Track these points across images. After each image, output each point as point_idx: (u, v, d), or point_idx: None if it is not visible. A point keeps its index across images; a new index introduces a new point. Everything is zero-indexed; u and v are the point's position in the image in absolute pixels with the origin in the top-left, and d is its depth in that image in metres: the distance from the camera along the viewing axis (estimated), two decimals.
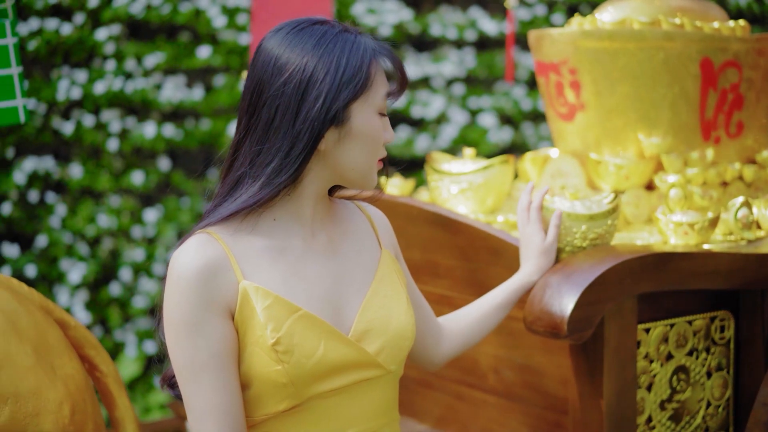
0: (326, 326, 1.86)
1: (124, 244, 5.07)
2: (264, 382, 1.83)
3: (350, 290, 1.96)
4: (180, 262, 1.83)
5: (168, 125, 5.13)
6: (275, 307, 1.83)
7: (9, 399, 2.17)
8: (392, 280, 2.02)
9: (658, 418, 2.47)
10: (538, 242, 2.34)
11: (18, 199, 4.97)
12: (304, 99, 1.84)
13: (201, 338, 1.81)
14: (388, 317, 1.96)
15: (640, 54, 2.86)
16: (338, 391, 1.89)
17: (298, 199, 1.92)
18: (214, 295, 1.81)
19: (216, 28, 5.18)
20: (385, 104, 1.91)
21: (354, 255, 2.00)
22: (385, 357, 1.94)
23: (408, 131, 5.59)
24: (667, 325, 2.46)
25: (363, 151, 1.90)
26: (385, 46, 1.94)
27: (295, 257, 1.91)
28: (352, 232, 2.04)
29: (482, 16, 5.74)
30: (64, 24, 4.99)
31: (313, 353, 1.84)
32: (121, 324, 5.03)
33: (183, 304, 1.81)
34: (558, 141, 3.14)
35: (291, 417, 1.87)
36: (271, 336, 1.81)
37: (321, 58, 1.86)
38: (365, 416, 1.94)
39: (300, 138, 1.85)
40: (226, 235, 1.86)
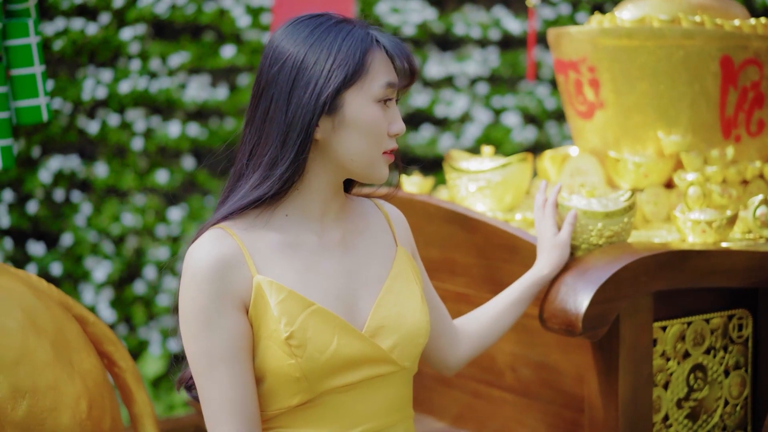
0: (339, 321, 1.87)
1: (148, 243, 5.11)
2: (277, 376, 1.84)
3: (364, 287, 1.96)
4: (195, 257, 1.84)
5: (192, 124, 5.16)
6: (289, 302, 1.84)
7: (27, 393, 2.19)
8: (407, 277, 2.02)
9: (675, 417, 2.46)
10: (551, 237, 2.34)
11: (44, 198, 5.01)
12: (295, 86, 1.86)
13: (216, 332, 1.82)
14: (402, 314, 1.96)
15: (660, 52, 2.85)
16: (351, 387, 1.90)
17: (306, 194, 1.93)
18: (228, 289, 1.83)
19: (240, 28, 5.21)
20: (385, 93, 1.89)
21: (369, 251, 2.01)
22: (398, 353, 1.94)
23: (431, 130, 5.60)
24: (684, 323, 2.46)
25: (360, 141, 1.89)
26: (391, 37, 1.93)
27: (309, 253, 1.92)
28: (368, 229, 2.04)
29: (506, 15, 5.73)
30: (89, 24, 5.03)
31: (327, 348, 1.84)
32: (145, 322, 5.06)
33: (198, 299, 1.82)
34: (577, 139, 3.14)
35: (304, 412, 1.88)
36: (285, 330, 1.82)
37: (313, 45, 1.87)
38: (378, 412, 1.94)
39: (293, 126, 1.85)
40: (240, 230, 1.88)
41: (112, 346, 2.54)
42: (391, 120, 1.92)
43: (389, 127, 1.91)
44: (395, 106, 1.94)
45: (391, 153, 1.94)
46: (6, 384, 2.17)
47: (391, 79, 1.90)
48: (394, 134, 1.92)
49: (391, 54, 1.91)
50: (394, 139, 1.93)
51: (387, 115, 1.91)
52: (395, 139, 1.94)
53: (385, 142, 1.91)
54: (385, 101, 1.90)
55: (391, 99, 1.92)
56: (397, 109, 1.94)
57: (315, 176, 1.92)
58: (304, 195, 1.93)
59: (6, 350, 2.19)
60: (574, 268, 2.31)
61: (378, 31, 1.93)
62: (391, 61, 1.91)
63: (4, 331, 2.21)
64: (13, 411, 2.16)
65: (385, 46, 1.91)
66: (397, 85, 1.91)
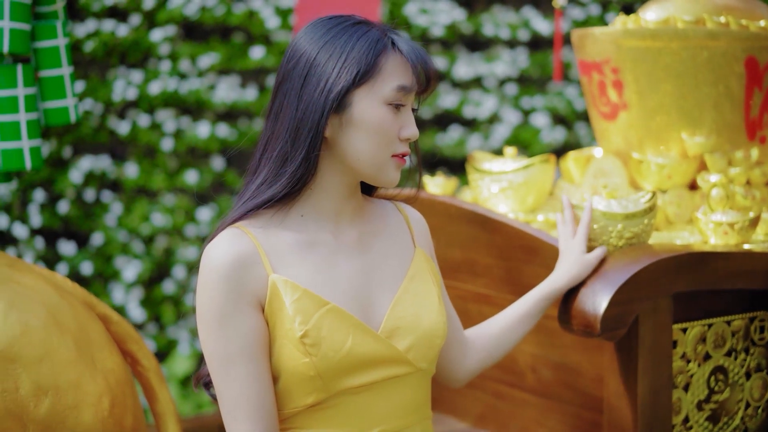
0: (354, 321, 1.88)
1: (177, 243, 5.14)
2: (292, 374, 1.85)
3: (381, 287, 1.97)
4: (211, 256, 1.86)
5: (222, 125, 5.19)
6: (304, 301, 1.85)
7: (50, 391, 2.22)
8: (424, 278, 2.03)
9: (695, 419, 2.46)
10: (577, 253, 2.31)
11: (75, 198, 5.06)
12: (306, 83, 1.88)
13: (232, 330, 1.84)
14: (418, 315, 1.96)
15: (684, 53, 2.84)
16: (367, 388, 1.90)
17: (320, 194, 1.94)
18: (244, 287, 1.85)
19: (269, 29, 5.23)
20: (396, 96, 1.88)
21: (386, 253, 2.02)
22: (414, 354, 1.94)
23: (460, 131, 5.60)
24: (704, 325, 2.45)
25: (366, 142, 1.89)
26: (409, 41, 1.93)
27: (325, 252, 1.93)
28: (386, 230, 2.05)
29: (535, 16, 5.73)
30: (120, 25, 5.07)
31: (341, 347, 1.85)
32: (174, 321, 5.10)
33: (215, 297, 1.84)
34: (601, 140, 3.13)
35: (319, 412, 1.89)
36: (299, 329, 1.83)
37: (326, 44, 1.89)
38: (394, 414, 1.95)
39: (303, 123, 1.87)
40: (257, 229, 1.89)
41: (135, 345, 2.57)
42: (403, 124, 1.91)
43: (400, 131, 1.91)
44: (410, 110, 1.93)
45: (403, 157, 1.93)
46: (29, 381, 2.20)
47: (403, 83, 1.89)
48: (406, 138, 1.91)
49: (408, 58, 1.91)
50: (407, 144, 1.93)
51: (399, 119, 1.91)
52: (408, 144, 1.93)
53: (394, 146, 1.91)
54: (396, 105, 1.90)
55: (404, 104, 1.91)
56: (412, 114, 1.94)
57: (328, 176, 1.93)
58: (318, 194, 1.94)
59: (29, 348, 2.23)
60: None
61: (397, 35, 1.93)
62: (407, 66, 1.91)
63: (28, 329, 2.24)
64: (35, 408, 2.19)
65: (401, 49, 1.91)
66: (409, 89, 1.90)
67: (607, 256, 2.34)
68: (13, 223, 4.92)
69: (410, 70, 1.91)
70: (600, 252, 2.31)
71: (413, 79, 1.91)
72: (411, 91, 1.91)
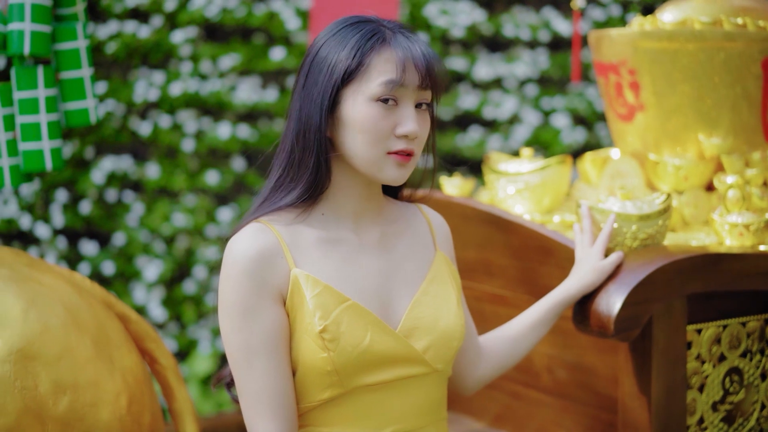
0: (373, 318, 1.89)
1: (198, 243, 5.17)
2: (310, 368, 1.87)
3: (400, 287, 1.98)
4: (235, 250, 1.88)
5: (242, 126, 5.22)
6: (324, 296, 1.87)
7: (68, 389, 2.25)
8: (444, 281, 2.04)
9: (710, 420, 2.46)
10: (593, 260, 2.29)
11: (96, 198, 5.09)
12: (306, 84, 1.93)
13: (255, 323, 1.86)
14: (436, 316, 1.98)
15: (701, 54, 2.84)
16: (383, 386, 1.92)
17: (338, 194, 1.96)
18: (267, 281, 1.86)
19: (289, 30, 5.25)
20: (384, 92, 1.87)
21: (407, 253, 2.03)
22: (431, 355, 1.96)
23: (480, 132, 5.60)
24: (719, 326, 2.45)
25: (359, 140, 1.89)
26: (408, 37, 1.92)
27: (347, 250, 1.95)
28: (407, 231, 2.07)
29: (556, 17, 5.73)
30: (141, 27, 5.10)
31: (359, 343, 1.87)
32: (195, 321, 5.13)
33: (238, 290, 1.86)
34: (618, 141, 3.14)
35: (334, 409, 1.91)
36: (319, 323, 1.85)
37: (323, 45, 1.93)
38: (409, 413, 1.96)
39: (307, 125, 1.91)
40: (280, 225, 1.91)
41: (153, 344, 2.59)
42: (399, 121, 1.90)
43: (396, 128, 1.90)
44: (408, 106, 1.91)
45: (400, 154, 1.90)
46: (48, 379, 2.22)
47: (390, 77, 1.87)
48: (402, 135, 1.89)
49: (395, 52, 1.89)
50: (405, 140, 1.90)
51: (393, 115, 1.89)
52: (408, 141, 1.90)
53: (388, 143, 1.90)
54: (385, 100, 1.88)
55: (395, 99, 1.89)
56: (412, 110, 1.91)
57: (343, 177, 1.95)
58: (336, 195, 1.96)
59: (48, 346, 2.25)
60: None
61: (397, 31, 1.93)
62: (395, 61, 1.89)
63: (47, 328, 2.27)
64: (54, 406, 2.22)
65: (391, 45, 1.90)
66: (398, 83, 1.87)
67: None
68: (36, 223, 4.96)
69: (400, 65, 1.88)
70: (615, 258, 2.29)
71: (403, 74, 1.88)
72: (401, 86, 1.89)
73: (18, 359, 2.20)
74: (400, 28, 1.95)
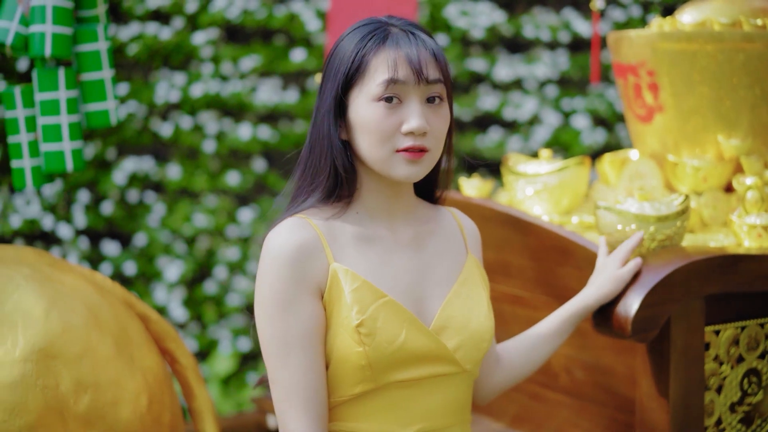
0: (409, 315, 1.91)
1: (219, 243, 5.19)
2: (344, 362, 1.88)
3: (433, 286, 2.00)
4: (275, 242, 1.89)
5: (263, 127, 5.24)
6: (362, 291, 1.88)
7: (89, 388, 2.27)
8: (475, 283, 2.06)
9: (728, 421, 2.46)
10: (611, 269, 2.29)
11: (118, 199, 5.13)
12: (322, 88, 1.96)
13: (292, 316, 1.87)
14: (468, 317, 1.99)
15: (720, 55, 2.84)
16: (412, 383, 1.93)
17: (368, 194, 1.98)
18: (306, 274, 1.87)
19: (310, 32, 5.27)
20: (384, 91, 1.88)
21: (440, 253, 2.05)
22: (462, 354, 1.97)
23: (500, 133, 5.61)
24: (737, 328, 2.45)
25: (367, 141, 1.91)
26: (408, 34, 1.92)
27: (382, 247, 1.97)
28: (440, 233, 2.09)
29: (576, 18, 5.72)
30: (163, 28, 5.13)
31: (395, 339, 1.88)
32: (216, 321, 5.15)
33: (276, 283, 1.87)
34: (636, 143, 3.14)
35: (364, 403, 1.92)
36: (356, 318, 1.86)
37: (336, 48, 1.96)
38: (436, 412, 1.97)
39: (321, 128, 1.94)
40: (318, 220, 1.93)
41: (174, 344, 2.61)
42: (404, 118, 1.90)
43: (402, 126, 1.90)
44: (412, 103, 1.90)
45: (410, 151, 1.90)
46: (69, 378, 2.25)
47: (390, 76, 1.88)
48: (407, 132, 1.89)
49: (391, 50, 1.90)
50: (413, 137, 1.90)
51: (397, 113, 1.90)
52: (416, 138, 1.90)
53: (395, 141, 1.90)
54: (389, 99, 1.89)
55: (399, 97, 1.89)
56: (417, 106, 1.90)
57: (368, 177, 1.98)
58: (366, 195, 1.99)
59: (70, 346, 2.28)
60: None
61: (402, 30, 1.93)
62: (395, 58, 1.89)
63: (69, 328, 2.30)
64: (75, 404, 2.24)
65: (390, 43, 1.91)
66: (400, 81, 1.88)
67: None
68: (58, 223, 5.00)
69: (392, 63, 1.89)
70: (633, 266, 2.28)
71: (396, 72, 1.88)
72: (398, 83, 1.89)
73: (40, 358, 2.23)
74: (408, 26, 1.95)
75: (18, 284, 2.32)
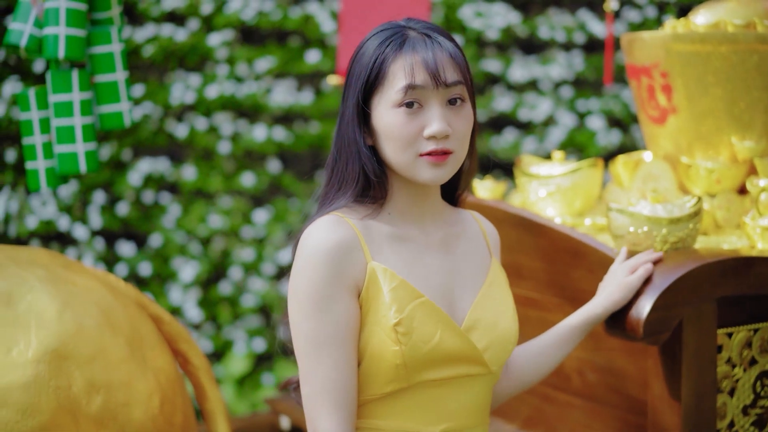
0: (444, 316, 1.92)
1: (234, 244, 5.21)
2: (378, 361, 1.89)
3: (462, 288, 2.02)
4: (314, 239, 1.89)
5: (278, 128, 5.25)
6: (400, 290, 1.89)
7: (102, 389, 2.28)
8: (502, 286, 2.08)
9: (740, 424, 2.45)
10: (620, 276, 2.29)
11: (134, 200, 5.14)
12: (344, 95, 1.96)
13: (329, 313, 1.87)
14: (495, 318, 2.01)
15: (734, 57, 2.83)
16: (442, 383, 1.94)
17: (398, 196, 1.99)
18: (345, 272, 1.88)
19: (325, 33, 5.28)
20: (404, 97, 1.88)
21: (467, 256, 2.06)
22: (490, 356, 1.99)
23: (515, 134, 5.60)
24: (750, 330, 2.44)
25: (390, 147, 1.92)
26: (426, 36, 1.92)
27: (414, 247, 1.98)
28: (466, 235, 2.10)
29: (591, 19, 5.71)
30: (178, 30, 5.15)
31: (430, 339, 1.89)
32: (230, 322, 5.16)
33: (315, 279, 1.87)
34: (650, 144, 3.13)
35: (392, 401, 1.93)
36: (394, 317, 1.87)
37: (357, 55, 1.97)
38: (461, 412, 1.98)
39: (346, 135, 1.95)
40: (355, 219, 1.94)
41: (186, 345, 2.62)
42: (426, 122, 1.90)
43: (424, 130, 1.91)
44: (434, 106, 1.91)
45: (433, 155, 1.91)
46: (82, 379, 2.26)
47: (409, 82, 1.89)
48: (429, 136, 1.90)
49: (408, 55, 1.91)
50: (434, 141, 1.90)
51: (419, 118, 1.90)
52: (436, 141, 1.90)
53: (418, 145, 1.91)
54: (409, 104, 1.90)
55: (419, 102, 1.90)
56: (439, 110, 1.91)
57: (396, 180, 1.99)
58: (397, 197, 2.00)
59: (82, 347, 2.29)
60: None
61: (419, 33, 1.94)
62: (412, 64, 1.89)
63: (82, 329, 2.31)
64: (87, 405, 2.25)
65: (407, 48, 1.91)
66: (419, 86, 1.89)
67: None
68: (74, 224, 5.02)
69: (409, 69, 1.90)
70: (643, 272, 2.27)
71: (413, 78, 1.89)
72: (422, 88, 1.89)
73: (52, 359, 2.24)
74: (426, 29, 1.95)
75: (32, 286, 2.33)
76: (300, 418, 3.20)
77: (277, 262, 5.18)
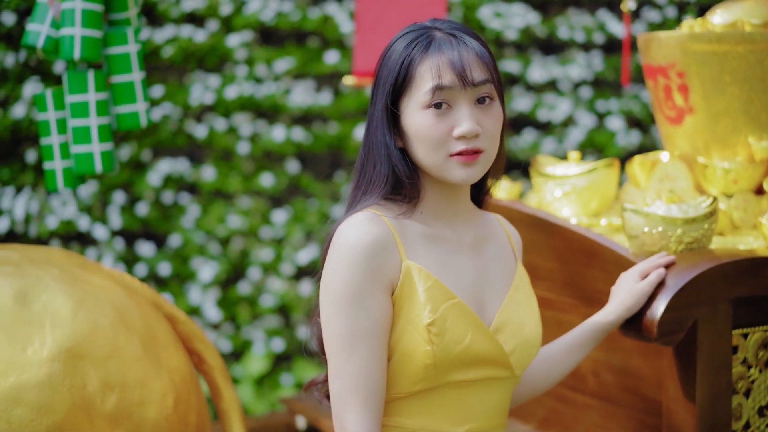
0: (475, 318, 1.93)
1: (253, 244, 5.22)
2: (408, 359, 1.89)
3: (491, 290, 2.03)
4: (350, 235, 1.90)
5: (297, 129, 5.25)
6: (434, 290, 1.90)
7: (116, 388, 2.29)
8: (527, 290, 2.09)
9: (756, 425, 2.44)
10: (631, 283, 2.28)
11: (153, 200, 5.16)
12: (373, 98, 1.97)
13: (363, 310, 1.87)
14: (522, 322, 2.02)
15: (751, 57, 2.82)
16: (468, 384, 1.95)
17: (430, 194, 2.00)
18: (380, 270, 1.88)
19: (344, 34, 5.28)
20: (432, 99, 1.89)
21: (495, 258, 2.07)
22: (515, 359, 1.99)
23: (534, 134, 5.59)
24: (766, 331, 2.43)
25: (420, 148, 1.93)
26: (452, 36, 1.92)
27: (447, 248, 1.99)
28: (494, 238, 2.11)
29: (610, 19, 5.70)
30: (197, 31, 5.16)
31: (461, 341, 1.90)
32: (249, 322, 5.17)
33: (350, 275, 1.87)
34: (667, 144, 3.12)
35: (419, 401, 1.94)
36: (428, 317, 1.87)
37: (384, 57, 1.97)
38: (485, 414, 1.99)
39: (375, 138, 1.96)
40: (389, 217, 1.94)
41: (201, 344, 2.63)
42: (455, 122, 1.91)
43: (453, 130, 1.91)
44: (462, 106, 1.91)
45: (464, 154, 1.91)
46: (96, 378, 2.27)
47: (436, 83, 1.90)
48: (459, 136, 1.91)
49: (434, 57, 1.91)
50: (464, 141, 1.91)
51: (448, 119, 1.91)
52: (466, 141, 1.91)
53: (448, 145, 1.92)
54: (438, 105, 1.90)
55: (448, 102, 1.91)
56: (468, 110, 1.91)
57: (427, 180, 1.99)
58: (429, 197, 2.00)
59: (97, 346, 2.30)
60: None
61: (445, 34, 1.94)
62: (439, 65, 1.90)
63: (96, 328, 2.32)
64: (102, 404, 2.26)
65: (433, 49, 1.92)
66: (446, 86, 1.90)
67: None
68: (94, 224, 5.04)
69: (435, 70, 1.90)
70: (655, 277, 2.26)
71: (440, 79, 1.90)
72: (449, 89, 1.90)
73: (67, 358, 2.25)
74: (452, 29, 1.95)
75: (47, 285, 2.35)
76: (316, 417, 3.21)
77: (295, 263, 5.19)
